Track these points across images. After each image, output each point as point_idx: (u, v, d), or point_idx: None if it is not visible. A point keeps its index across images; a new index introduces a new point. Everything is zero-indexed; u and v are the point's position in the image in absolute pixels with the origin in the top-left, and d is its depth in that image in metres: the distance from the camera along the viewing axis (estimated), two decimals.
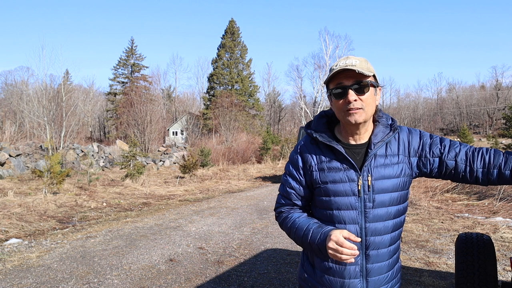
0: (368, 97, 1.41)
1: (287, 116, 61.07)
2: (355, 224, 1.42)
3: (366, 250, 1.44)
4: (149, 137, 28.61)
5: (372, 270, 1.45)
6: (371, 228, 1.42)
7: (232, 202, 10.47)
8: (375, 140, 1.46)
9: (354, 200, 1.42)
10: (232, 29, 46.01)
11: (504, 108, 40.40)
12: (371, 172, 1.43)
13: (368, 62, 1.46)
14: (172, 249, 5.67)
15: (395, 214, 1.46)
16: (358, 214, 1.42)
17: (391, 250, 1.47)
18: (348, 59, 1.42)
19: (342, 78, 1.41)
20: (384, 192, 1.43)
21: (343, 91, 1.40)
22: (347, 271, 1.44)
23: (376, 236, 1.43)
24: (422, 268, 4.67)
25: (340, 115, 1.45)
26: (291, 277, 4.46)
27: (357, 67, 1.38)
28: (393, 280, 1.52)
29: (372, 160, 1.44)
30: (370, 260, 1.44)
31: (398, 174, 1.45)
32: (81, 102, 44.08)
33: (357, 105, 1.39)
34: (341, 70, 1.40)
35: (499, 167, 1.41)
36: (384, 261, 1.46)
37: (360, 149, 1.48)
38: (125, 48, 54.66)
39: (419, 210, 8.48)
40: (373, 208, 1.42)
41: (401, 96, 76.09)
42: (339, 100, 1.42)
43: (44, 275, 4.54)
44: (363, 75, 1.39)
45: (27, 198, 9.56)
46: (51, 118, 20.22)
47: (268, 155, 26.38)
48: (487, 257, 2.69)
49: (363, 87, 1.39)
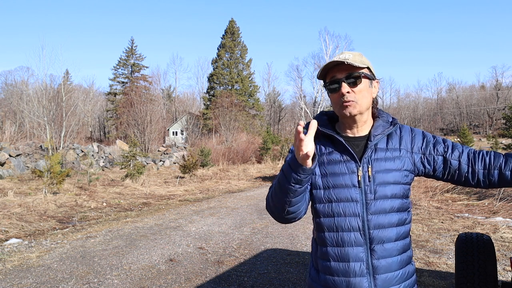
0: (361, 89, 1.41)
1: (287, 116, 61.07)
2: (356, 216, 1.38)
3: (370, 245, 1.37)
4: (149, 137, 28.62)
5: (379, 266, 1.37)
6: (374, 220, 1.38)
7: (232, 202, 10.47)
8: (375, 133, 1.45)
9: (354, 191, 1.39)
10: (232, 29, 46.01)
11: (504, 108, 40.38)
12: (371, 163, 1.42)
13: (363, 56, 1.46)
14: (172, 249, 5.67)
15: (398, 207, 1.42)
16: (359, 206, 1.38)
17: (399, 246, 1.41)
18: (342, 54, 1.43)
19: (335, 71, 1.42)
20: (386, 184, 1.40)
21: (336, 84, 1.41)
22: (351, 269, 1.37)
23: (380, 229, 1.38)
24: (422, 268, 4.67)
25: (336, 109, 1.45)
26: (291, 277, 4.46)
27: (350, 60, 1.38)
28: (407, 281, 1.43)
29: (372, 152, 1.43)
30: (375, 255, 1.37)
31: (399, 167, 1.44)
32: (81, 102, 44.08)
33: (351, 98, 1.39)
34: (333, 64, 1.41)
35: (499, 168, 1.41)
36: (392, 256, 1.39)
37: (359, 141, 1.47)
38: (125, 48, 54.69)
39: (419, 210, 8.48)
40: (375, 200, 1.39)
41: (401, 96, 76.25)
42: (334, 94, 1.43)
43: (44, 275, 4.54)
44: (355, 67, 1.40)
45: (27, 198, 9.55)
46: (51, 118, 20.22)
47: (268, 155, 26.38)
48: (487, 257, 2.69)
49: (356, 79, 1.40)
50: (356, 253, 1.38)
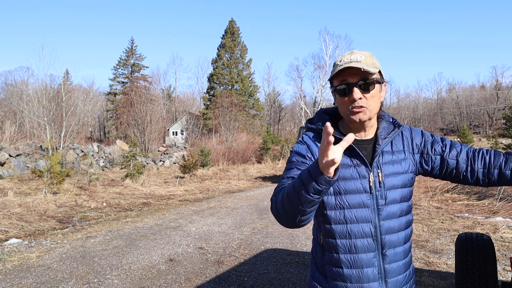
0: (373, 94, 1.36)
1: (287, 116, 61.06)
2: (368, 222, 1.36)
3: (382, 250, 1.38)
4: (149, 137, 28.61)
5: (390, 270, 1.39)
6: (386, 226, 1.37)
7: (232, 202, 10.47)
8: (382, 136, 1.43)
9: (366, 197, 1.36)
10: (232, 29, 46.01)
11: (504, 108, 40.36)
12: (381, 168, 1.39)
13: (373, 57, 1.41)
14: (172, 249, 5.67)
15: (407, 210, 1.43)
16: (371, 212, 1.37)
17: (406, 248, 1.43)
18: (352, 54, 1.37)
19: (347, 74, 1.35)
20: (395, 188, 1.40)
21: (347, 89, 1.35)
22: (365, 275, 1.36)
23: (391, 234, 1.38)
24: (422, 268, 4.67)
25: (344, 113, 1.40)
26: (291, 277, 4.46)
27: (362, 63, 1.33)
28: (411, 281, 1.47)
29: (380, 156, 1.41)
30: (387, 260, 1.38)
31: (406, 170, 1.43)
32: (81, 102, 44.08)
33: (362, 103, 1.34)
34: (346, 67, 1.35)
35: (499, 167, 1.40)
36: (401, 260, 1.41)
37: (367, 144, 1.43)
38: (125, 48, 54.69)
39: (419, 210, 8.47)
40: (386, 205, 1.38)
41: (401, 96, 76.20)
42: (343, 98, 1.36)
43: (44, 275, 4.54)
44: (368, 72, 1.33)
45: (27, 198, 9.55)
46: (51, 118, 20.22)
47: (268, 155, 26.37)
48: (487, 257, 2.69)
49: (369, 85, 1.34)
50: (369, 259, 1.37)
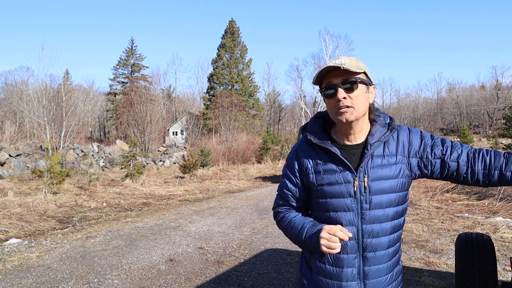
0: (358, 94, 1.39)
1: (287, 116, 61.08)
2: (351, 225, 1.41)
3: (363, 252, 1.42)
4: (149, 137, 28.62)
5: (369, 272, 1.43)
6: (368, 229, 1.41)
7: (232, 202, 10.47)
8: (372, 141, 1.44)
9: (350, 201, 1.41)
10: (232, 29, 46.01)
11: (504, 108, 40.37)
12: (367, 173, 1.42)
13: (360, 61, 1.45)
14: (172, 249, 5.67)
15: (393, 215, 1.44)
16: (354, 216, 1.41)
17: (389, 253, 1.46)
18: (337, 59, 1.42)
19: (331, 77, 1.40)
20: (382, 193, 1.41)
21: (333, 90, 1.40)
22: (344, 274, 1.42)
23: (373, 238, 1.42)
24: (422, 268, 4.67)
25: (332, 115, 1.44)
26: (291, 277, 4.46)
27: (346, 65, 1.37)
28: (394, 283, 1.49)
29: (368, 161, 1.43)
30: (367, 263, 1.43)
31: (396, 174, 1.43)
32: (81, 102, 44.08)
33: (347, 103, 1.38)
34: (329, 69, 1.40)
35: (500, 168, 1.40)
36: (382, 263, 1.44)
37: (356, 149, 1.46)
38: (125, 48, 54.69)
39: (419, 210, 8.48)
40: (370, 210, 1.41)
41: (401, 96, 76.26)
42: (330, 100, 1.42)
43: (44, 275, 4.54)
44: (351, 73, 1.38)
45: (27, 198, 9.56)
46: (51, 118, 20.21)
47: (268, 155, 26.39)
48: (487, 257, 2.69)
49: (352, 84, 1.39)
50: (350, 260, 1.43)
